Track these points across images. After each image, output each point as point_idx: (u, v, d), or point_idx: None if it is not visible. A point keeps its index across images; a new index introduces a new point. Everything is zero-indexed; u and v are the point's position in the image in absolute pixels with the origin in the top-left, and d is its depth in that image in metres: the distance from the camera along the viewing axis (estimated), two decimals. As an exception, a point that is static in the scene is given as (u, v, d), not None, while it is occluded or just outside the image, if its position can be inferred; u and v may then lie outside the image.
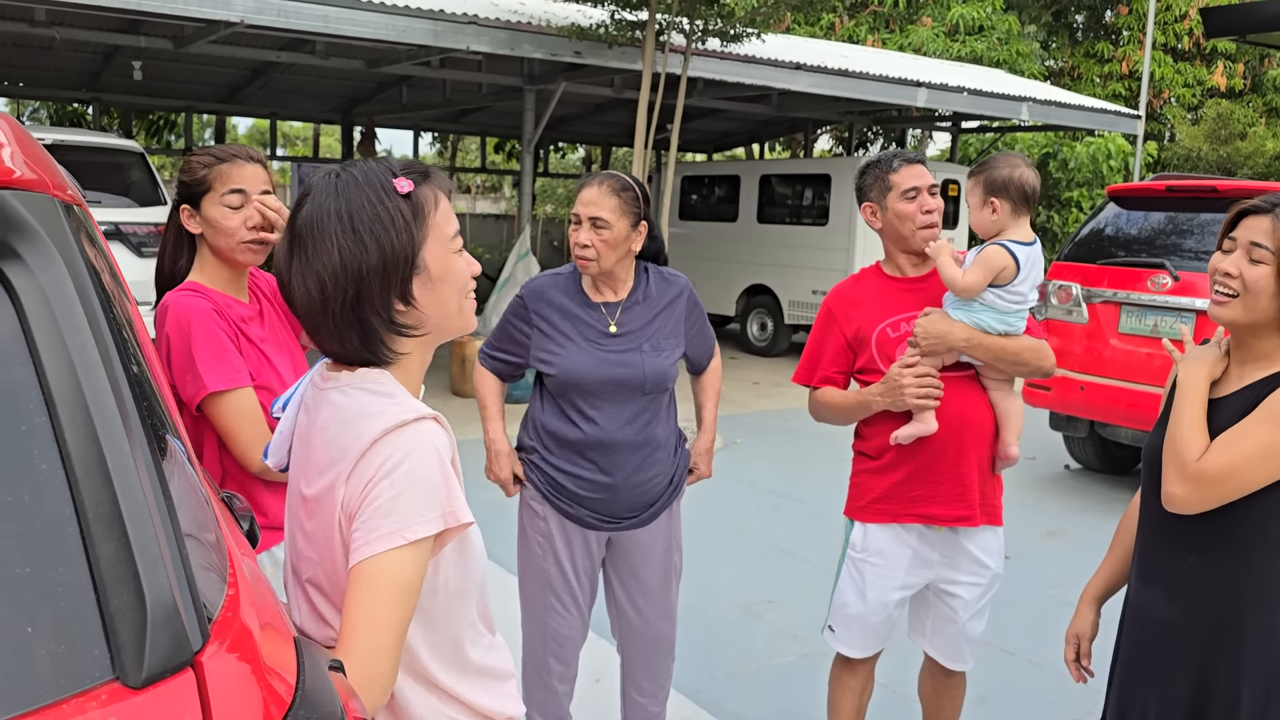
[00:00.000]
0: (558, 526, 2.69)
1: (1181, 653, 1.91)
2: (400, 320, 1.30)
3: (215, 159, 2.16)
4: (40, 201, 0.96)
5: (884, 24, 17.96)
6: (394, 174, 1.32)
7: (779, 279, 11.93)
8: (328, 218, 1.28)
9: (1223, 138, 17.56)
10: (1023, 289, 2.58)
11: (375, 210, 1.28)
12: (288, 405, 1.42)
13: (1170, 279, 5.99)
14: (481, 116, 16.11)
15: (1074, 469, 7.25)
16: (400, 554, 1.18)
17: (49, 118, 18.36)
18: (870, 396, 2.62)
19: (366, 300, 1.27)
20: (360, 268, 1.26)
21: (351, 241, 1.26)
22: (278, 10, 7.51)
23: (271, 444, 1.41)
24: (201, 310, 2.07)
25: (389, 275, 1.28)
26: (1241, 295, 1.85)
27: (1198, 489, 1.82)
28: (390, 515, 1.19)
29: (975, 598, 2.73)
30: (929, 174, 2.67)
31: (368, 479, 1.21)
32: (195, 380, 2.03)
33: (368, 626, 1.16)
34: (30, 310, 0.86)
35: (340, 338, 1.29)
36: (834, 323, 2.75)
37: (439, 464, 1.23)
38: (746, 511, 5.94)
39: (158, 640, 0.77)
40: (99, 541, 0.79)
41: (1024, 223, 2.62)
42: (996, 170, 2.59)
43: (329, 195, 1.30)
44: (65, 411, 0.83)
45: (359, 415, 1.26)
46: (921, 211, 2.62)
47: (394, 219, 1.29)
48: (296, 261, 1.28)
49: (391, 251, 1.28)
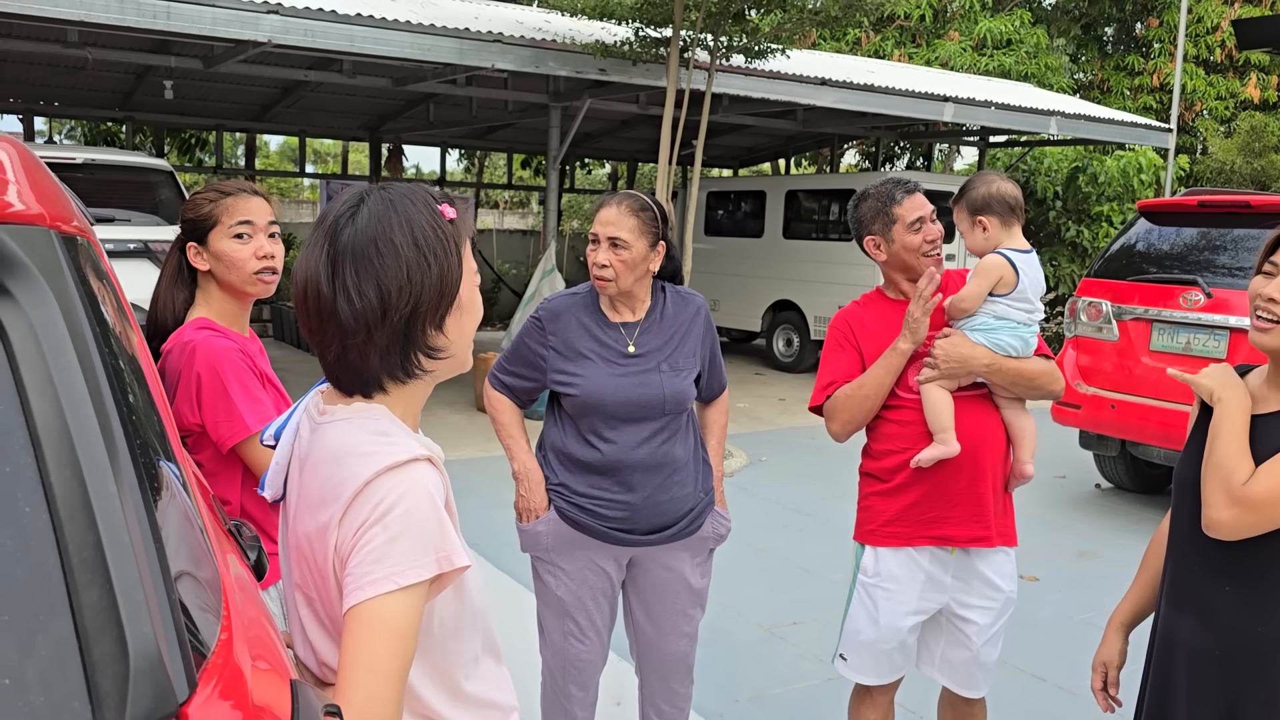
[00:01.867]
0: (575, 547, 2.66)
1: (1212, 682, 1.86)
2: (433, 344, 1.30)
3: (220, 194, 2.17)
4: (35, 236, 0.94)
5: (910, 38, 17.88)
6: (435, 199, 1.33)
7: (805, 295, 11.87)
8: (391, 230, 1.27)
9: (1256, 150, 17.31)
10: (1028, 295, 2.59)
11: (434, 230, 1.29)
12: (281, 433, 1.40)
13: (1203, 296, 5.89)
14: (508, 133, 16.18)
15: (1105, 488, 7.14)
16: (395, 598, 1.16)
17: (83, 137, 18.64)
18: (894, 351, 2.58)
19: (418, 318, 1.27)
20: (423, 284, 1.26)
21: (416, 257, 1.26)
22: (305, 30, 7.57)
23: (268, 475, 1.39)
24: (231, 352, 2.09)
25: (441, 296, 1.28)
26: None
27: (1245, 514, 1.76)
28: (382, 561, 1.16)
29: (989, 622, 2.68)
30: (926, 200, 2.67)
31: (360, 522, 1.19)
32: (234, 422, 2.05)
33: (365, 673, 1.13)
34: (19, 348, 0.84)
35: (384, 353, 1.27)
36: (846, 341, 2.72)
37: (432, 507, 1.21)
38: (771, 531, 5.88)
39: (140, 692, 0.75)
40: (82, 588, 0.76)
41: (1016, 232, 2.64)
42: (974, 191, 2.64)
43: (386, 209, 1.28)
44: (51, 452, 0.81)
45: (353, 454, 1.24)
46: (926, 241, 2.63)
47: (447, 242, 1.30)
48: (349, 272, 1.25)
49: (445, 273, 1.28)
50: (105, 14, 6.79)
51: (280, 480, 1.37)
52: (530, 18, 10.00)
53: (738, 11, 8.31)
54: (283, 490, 1.38)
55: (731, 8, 8.05)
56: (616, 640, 2.93)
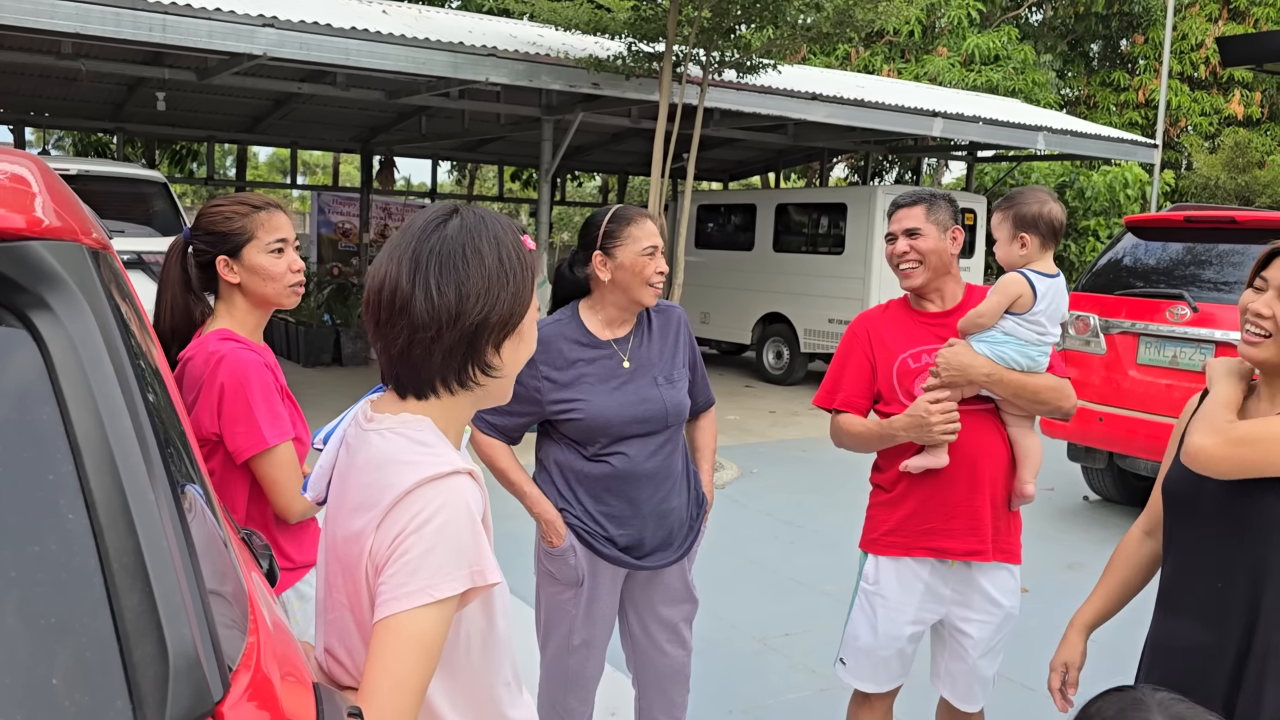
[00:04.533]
0: (585, 570, 2.68)
1: (1207, 685, 1.90)
2: (489, 360, 1.35)
3: (251, 207, 2.20)
4: (69, 250, 0.97)
5: (900, 54, 18.03)
6: (520, 229, 1.40)
7: (795, 307, 11.93)
8: (480, 241, 1.33)
9: (1240, 166, 17.49)
10: (1041, 319, 2.58)
11: (517, 253, 1.36)
12: (330, 438, 1.44)
13: (1189, 310, 5.96)
14: (499, 146, 16.22)
15: (1093, 500, 7.19)
16: (426, 612, 1.18)
17: (73, 148, 18.61)
18: (894, 429, 2.60)
19: (485, 329, 1.32)
20: (499, 296, 1.32)
21: (498, 271, 1.32)
22: (300, 43, 7.60)
23: (312, 477, 1.44)
24: (257, 365, 2.12)
25: (510, 315, 1.34)
26: (1275, 335, 1.85)
27: (1224, 444, 1.81)
28: (418, 572, 1.19)
29: (987, 636, 2.71)
30: (908, 217, 2.68)
31: (397, 531, 1.22)
32: (251, 434, 2.08)
33: (392, 686, 1.15)
34: (59, 360, 0.87)
35: (447, 354, 1.31)
36: (859, 346, 2.75)
37: (469, 521, 1.24)
38: (763, 542, 5.91)
39: (180, 691, 0.78)
40: (123, 592, 0.79)
41: (1049, 256, 2.64)
42: (1026, 206, 2.59)
43: (477, 222, 1.35)
44: (91, 461, 0.84)
45: (395, 461, 1.27)
46: (896, 254, 2.68)
47: (525, 268, 1.36)
48: (434, 271, 1.30)
49: (518, 294, 1.35)
50: (102, 26, 6.81)
51: (324, 484, 1.41)
52: (524, 32, 10.06)
53: (730, 27, 8.38)
54: (325, 493, 1.41)
55: (724, 24, 8.12)
56: (611, 654, 2.95)
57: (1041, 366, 2.61)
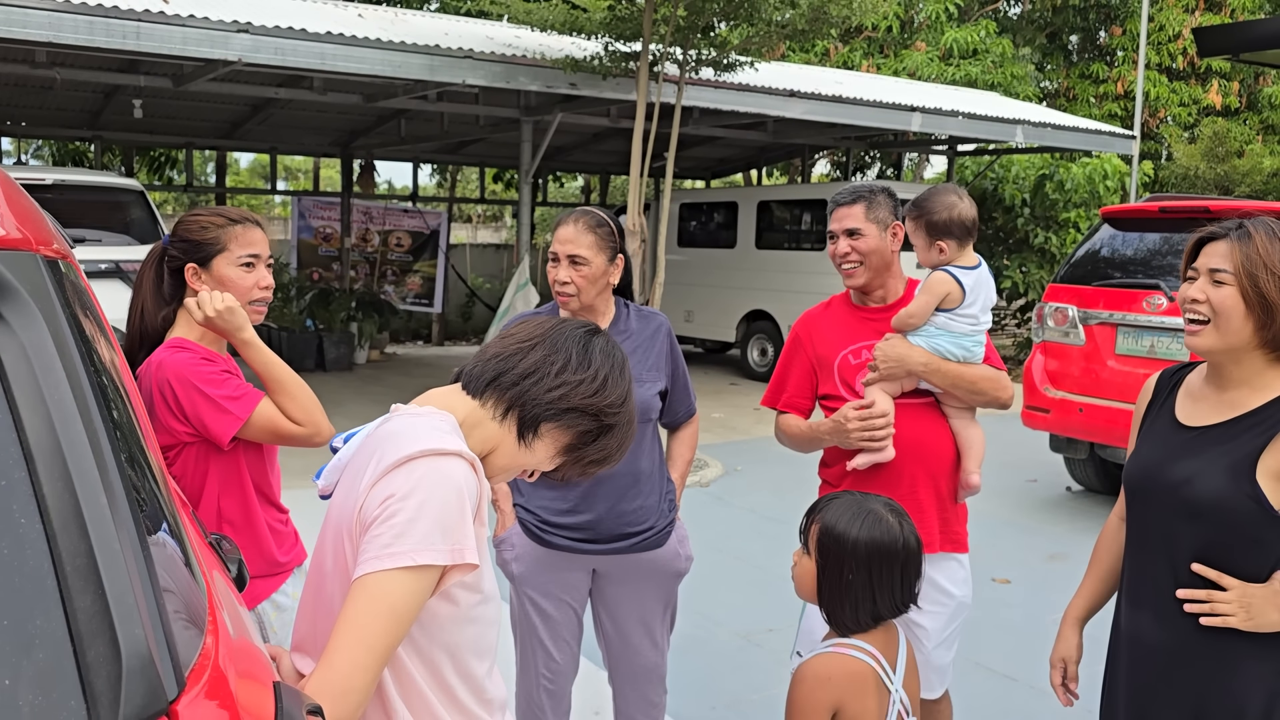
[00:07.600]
0: (541, 563, 2.69)
1: (1179, 678, 1.91)
2: (540, 436, 1.45)
3: (228, 220, 2.23)
4: (23, 260, 0.99)
5: (878, 49, 18.07)
6: None
7: (779, 304, 11.97)
8: (626, 397, 1.51)
9: (1219, 156, 17.60)
10: (973, 310, 2.66)
11: (622, 408, 1.50)
12: (350, 439, 1.47)
13: (1165, 299, 6.01)
14: (480, 148, 16.20)
15: (1075, 491, 7.24)
16: (403, 576, 1.22)
17: (51, 157, 18.50)
18: (819, 432, 2.69)
19: (564, 414, 1.44)
20: (584, 415, 1.46)
21: (627, 430, 1.52)
22: (275, 49, 7.59)
23: (326, 467, 1.46)
24: (193, 359, 2.15)
25: (594, 444, 1.48)
26: (1213, 320, 1.86)
27: None
28: (403, 536, 1.23)
29: (940, 626, 2.72)
30: (848, 216, 2.71)
31: (389, 494, 1.26)
32: (222, 416, 2.11)
33: (357, 642, 1.19)
34: (11, 368, 0.88)
35: (542, 393, 1.44)
36: (800, 347, 2.82)
37: (458, 500, 1.28)
38: (746, 539, 5.94)
39: (133, 690, 0.79)
40: (76, 594, 0.81)
41: (968, 249, 2.71)
42: (935, 215, 2.67)
43: (586, 332, 1.52)
44: (44, 467, 0.85)
45: (404, 435, 1.33)
46: (838, 254, 2.72)
47: (611, 387, 1.48)
48: (597, 356, 1.48)
49: (617, 445, 1.51)
50: (75, 35, 6.78)
51: (336, 476, 1.44)
52: (500, 33, 10.06)
53: (706, 25, 8.40)
54: (334, 486, 1.43)
55: (700, 22, 8.14)
56: (593, 650, 2.97)
57: (977, 357, 2.67)
